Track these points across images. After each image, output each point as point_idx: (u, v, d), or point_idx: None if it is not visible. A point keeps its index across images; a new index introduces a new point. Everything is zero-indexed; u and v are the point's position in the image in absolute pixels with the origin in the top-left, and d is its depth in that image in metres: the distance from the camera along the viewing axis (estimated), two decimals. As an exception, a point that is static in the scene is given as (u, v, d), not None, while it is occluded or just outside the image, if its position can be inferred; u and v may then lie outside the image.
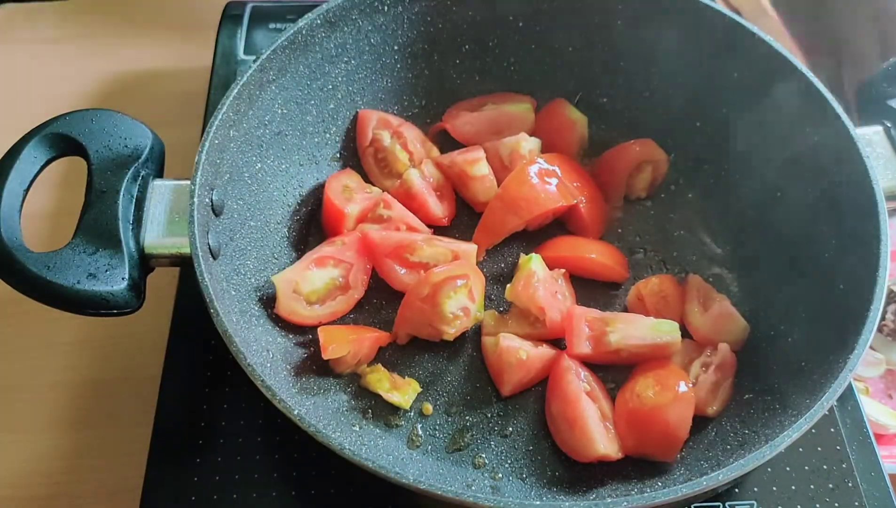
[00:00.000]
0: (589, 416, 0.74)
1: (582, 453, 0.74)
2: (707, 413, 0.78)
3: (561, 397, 0.77)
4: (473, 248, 0.86)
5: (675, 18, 0.89)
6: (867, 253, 0.72)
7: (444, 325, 0.79)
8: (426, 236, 0.87)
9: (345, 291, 0.84)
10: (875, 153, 0.80)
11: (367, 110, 0.94)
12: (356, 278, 0.84)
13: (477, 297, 0.81)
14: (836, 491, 0.76)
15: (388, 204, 0.88)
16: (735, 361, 0.81)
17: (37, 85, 1.16)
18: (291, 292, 0.81)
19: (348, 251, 0.84)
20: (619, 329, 0.79)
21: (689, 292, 0.85)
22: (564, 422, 0.76)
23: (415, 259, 0.84)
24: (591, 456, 0.74)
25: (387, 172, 0.94)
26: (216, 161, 0.76)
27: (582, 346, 0.80)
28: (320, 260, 0.83)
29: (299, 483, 0.75)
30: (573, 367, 0.78)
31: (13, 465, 0.83)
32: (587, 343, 0.80)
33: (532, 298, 0.80)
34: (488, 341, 0.82)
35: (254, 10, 1.14)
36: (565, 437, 0.76)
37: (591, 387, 0.78)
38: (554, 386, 0.79)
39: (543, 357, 0.80)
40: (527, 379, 0.80)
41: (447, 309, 0.79)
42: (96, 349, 0.91)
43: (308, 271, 0.82)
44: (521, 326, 0.82)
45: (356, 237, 0.85)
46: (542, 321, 0.81)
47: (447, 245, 0.85)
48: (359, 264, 0.84)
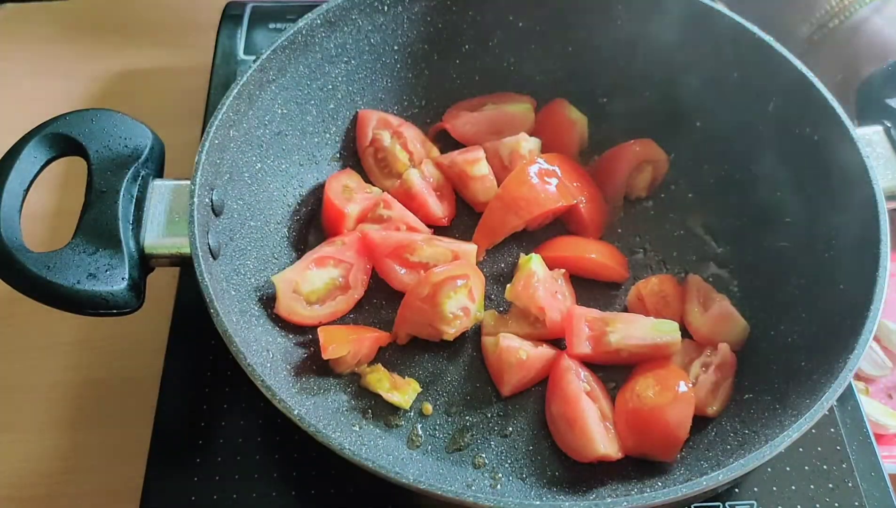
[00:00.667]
0: (589, 416, 0.74)
1: (582, 453, 0.74)
2: (707, 413, 0.78)
3: (561, 397, 0.77)
4: (473, 248, 0.86)
5: (675, 19, 0.89)
6: (867, 253, 0.72)
7: (444, 325, 0.79)
8: (426, 236, 0.87)
9: (345, 291, 0.84)
10: (875, 153, 0.80)
11: (368, 110, 0.94)
12: (356, 278, 0.84)
13: (477, 297, 0.81)
14: (836, 491, 0.76)
15: (388, 204, 0.88)
16: (735, 361, 0.81)
17: (37, 85, 1.16)
18: (291, 292, 0.81)
19: (348, 251, 0.84)
20: (619, 329, 0.79)
21: (689, 292, 0.85)
22: (564, 422, 0.76)
23: (415, 259, 0.84)
24: (591, 456, 0.74)
25: (387, 172, 0.94)
26: (216, 161, 0.76)
27: (582, 346, 0.80)
28: (320, 260, 0.83)
29: (299, 483, 0.75)
30: (573, 367, 0.78)
31: (13, 465, 0.83)
32: (587, 343, 0.80)
33: (532, 298, 0.80)
34: (488, 341, 0.82)
35: (254, 10, 1.14)
36: (565, 437, 0.76)
37: (591, 387, 0.78)
38: (554, 386, 0.79)
39: (543, 357, 0.80)
40: (527, 379, 0.80)
41: (447, 309, 0.79)
42: (96, 349, 0.91)
43: (308, 271, 0.82)
44: (521, 326, 0.82)
45: (356, 237, 0.85)
46: (542, 321, 0.81)
47: (447, 245, 0.85)
48: (359, 264, 0.84)
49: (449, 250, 0.85)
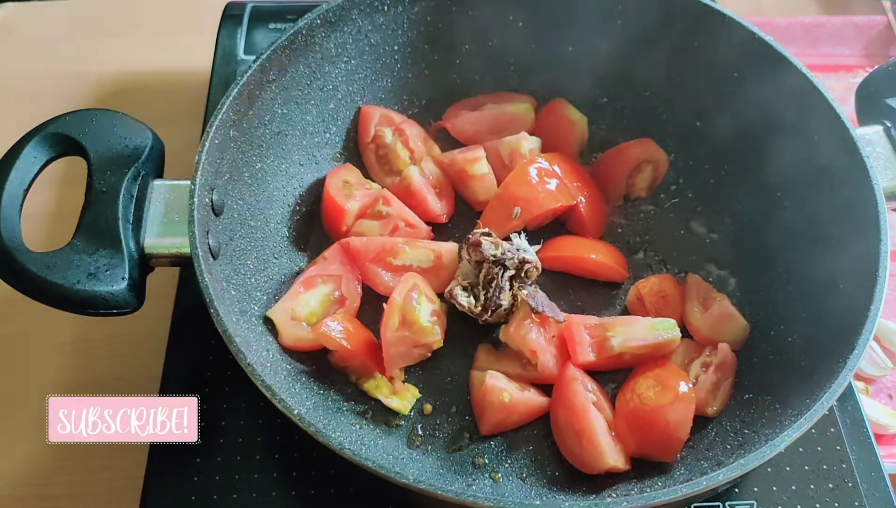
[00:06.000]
0: (598, 428, 0.74)
1: (590, 465, 0.74)
2: (707, 413, 0.78)
3: (568, 407, 0.76)
4: (454, 246, 0.86)
5: (675, 19, 0.89)
6: (867, 253, 0.72)
7: (430, 336, 0.79)
8: (407, 239, 0.86)
9: (342, 303, 0.83)
10: (875, 153, 0.80)
11: (370, 106, 0.94)
12: (349, 289, 0.84)
13: (432, 296, 0.81)
14: (836, 491, 0.76)
15: (388, 200, 0.88)
16: (735, 361, 0.81)
17: (37, 85, 1.16)
18: (290, 320, 0.80)
19: (332, 265, 0.84)
20: (619, 333, 0.79)
21: (689, 292, 0.85)
22: (572, 434, 0.75)
23: (398, 262, 0.84)
24: (600, 469, 0.73)
25: (387, 168, 0.94)
26: (216, 161, 0.76)
27: (586, 354, 0.79)
28: (308, 281, 0.83)
29: (299, 483, 0.75)
30: (579, 377, 0.77)
31: (13, 465, 0.83)
32: (590, 350, 0.79)
33: (524, 340, 0.79)
34: (476, 375, 0.80)
35: (254, 10, 1.14)
36: (573, 448, 0.75)
37: (597, 398, 0.77)
38: (560, 396, 0.77)
39: (528, 403, 0.78)
40: (508, 421, 0.78)
41: (424, 320, 0.78)
42: (96, 349, 0.91)
43: (300, 296, 0.82)
44: (513, 366, 0.80)
45: (337, 249, 0.85)
46: (533, 364, 0.79)
47: (428, 245, 0.85)
48: (347, 275, 0.84)
49: (430, 251, 0.85)
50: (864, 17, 1.26)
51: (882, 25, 1.25)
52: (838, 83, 1.18)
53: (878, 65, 0.95)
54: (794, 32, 1.22)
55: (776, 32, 0.96)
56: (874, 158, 0.78)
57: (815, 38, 1.23)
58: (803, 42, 1.22)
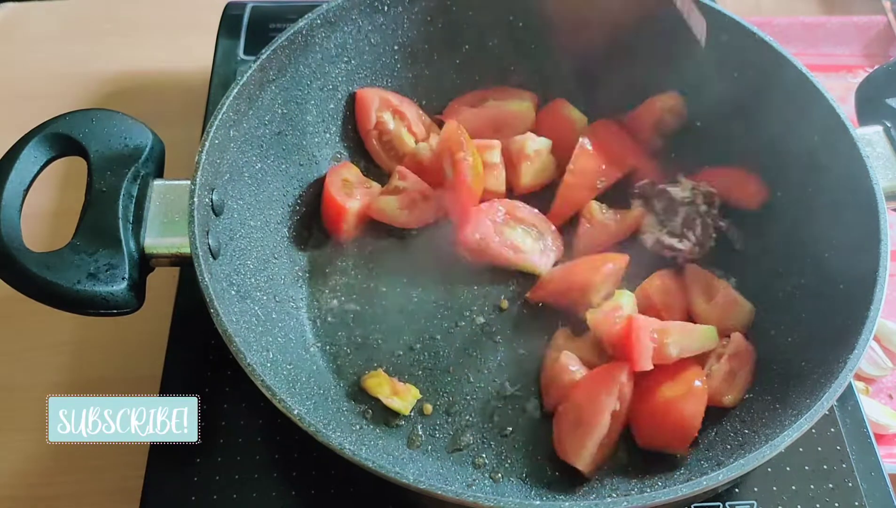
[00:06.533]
0: (597, 434, 0.73)
1: (563, 451, 0.75)
2: (723, 403, 0.77)
3: (590, 400, 0.74)
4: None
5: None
6: (867, 253, 0.72)
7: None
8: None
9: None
10: (875, 153, 0.80)
11: (367, 89, 0.93)
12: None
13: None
14: (836, 491, 0.76)
15: (404, 175, 0.90)
16: (751, 349, 0.80)
17: (37, 85, 1.16)
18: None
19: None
20: (676, 340, 0.76)
21: (691, 284, 0.85)
22: (573, 419, 0.75)
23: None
24: (568, 460, 0.74)
25: (392, 154, 0.94)
26: (216, 161, 0.76)
27: (646, 362, 0.75)
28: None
29: (299, 483, 0.75)
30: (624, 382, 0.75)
31: (13, 465, 0.83)
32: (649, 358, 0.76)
33: (608, 333, 0.78)
34: (550, 355, 0.81)
35: (254, 10, 1.14)
36: (561, 426, 0.76)
37: (619, 408, 0.75)
38: (591, 385, 0.76)
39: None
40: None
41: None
42: (96, 349, 0.91)
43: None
44: (591, 353, 0.80)
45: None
46: (610, 355, 0.78)
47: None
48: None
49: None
50: (864, 17, 1.26)
51: (882, 25, 1.25)
52: (838, 83, 1.18)
53: (878, 65, 0.95)
54: (794, 32, 1.22)
55: (776, 32, 0.96)
56: (874, 158, 0.78)
57: (815, 38, 1.23)
58: (803, 42, 1.22)
